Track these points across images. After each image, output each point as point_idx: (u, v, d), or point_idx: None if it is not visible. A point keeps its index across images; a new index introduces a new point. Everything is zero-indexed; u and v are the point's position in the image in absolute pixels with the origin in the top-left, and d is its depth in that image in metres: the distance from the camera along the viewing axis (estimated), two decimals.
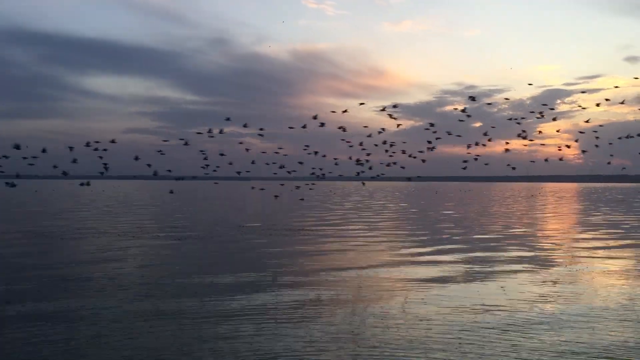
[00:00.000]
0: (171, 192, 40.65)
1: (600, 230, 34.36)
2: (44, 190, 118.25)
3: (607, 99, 26.46)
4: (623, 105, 24.91)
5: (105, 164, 24.16)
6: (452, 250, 24.39)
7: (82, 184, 29.69)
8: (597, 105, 25.23)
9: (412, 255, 22.67)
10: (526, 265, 19.92)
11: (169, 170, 26.88)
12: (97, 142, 24.11)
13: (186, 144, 24.75)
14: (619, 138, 25.19)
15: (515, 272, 18.55)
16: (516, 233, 32.66)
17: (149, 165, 24.79)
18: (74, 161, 22.98)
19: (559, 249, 24.93)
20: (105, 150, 24.19)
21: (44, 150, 23.10)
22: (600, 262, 20.78)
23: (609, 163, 29.48)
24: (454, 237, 29.82)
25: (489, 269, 19.06)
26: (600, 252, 23.73)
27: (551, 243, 27.40)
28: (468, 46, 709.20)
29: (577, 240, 29.01)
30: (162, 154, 25.68)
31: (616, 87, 38.55)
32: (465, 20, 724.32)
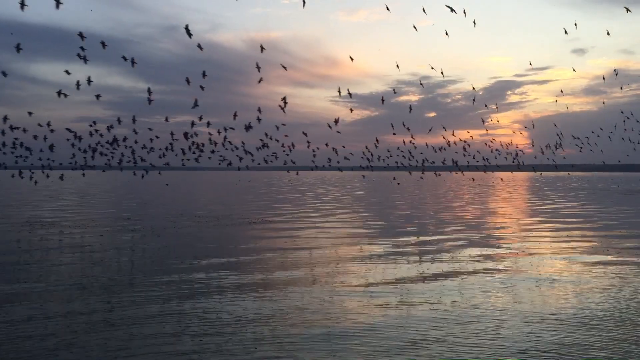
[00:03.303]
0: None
1: (544, 215, 35.89)
2: None
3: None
4: (571, 96, 25.86)
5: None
6: (404, 232, 25.00)
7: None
8: (556, 101, 25.82)
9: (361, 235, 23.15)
10: (474, 246, 20.65)
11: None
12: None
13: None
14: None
15: (464, 249, 19.24)
16: (465, 216, 33.69)
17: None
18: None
19: (504, 229, 25.90)
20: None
21: None
22: (539, 241, 21.77)
23: (565, 157, 30.77)
24: (405, 221, 30.52)
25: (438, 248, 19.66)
26: (544, 234, 24.85)
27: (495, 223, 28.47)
28: (422, 36, 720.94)
29: (523, 223, 30.25)
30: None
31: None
32: (419, 10, 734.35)
